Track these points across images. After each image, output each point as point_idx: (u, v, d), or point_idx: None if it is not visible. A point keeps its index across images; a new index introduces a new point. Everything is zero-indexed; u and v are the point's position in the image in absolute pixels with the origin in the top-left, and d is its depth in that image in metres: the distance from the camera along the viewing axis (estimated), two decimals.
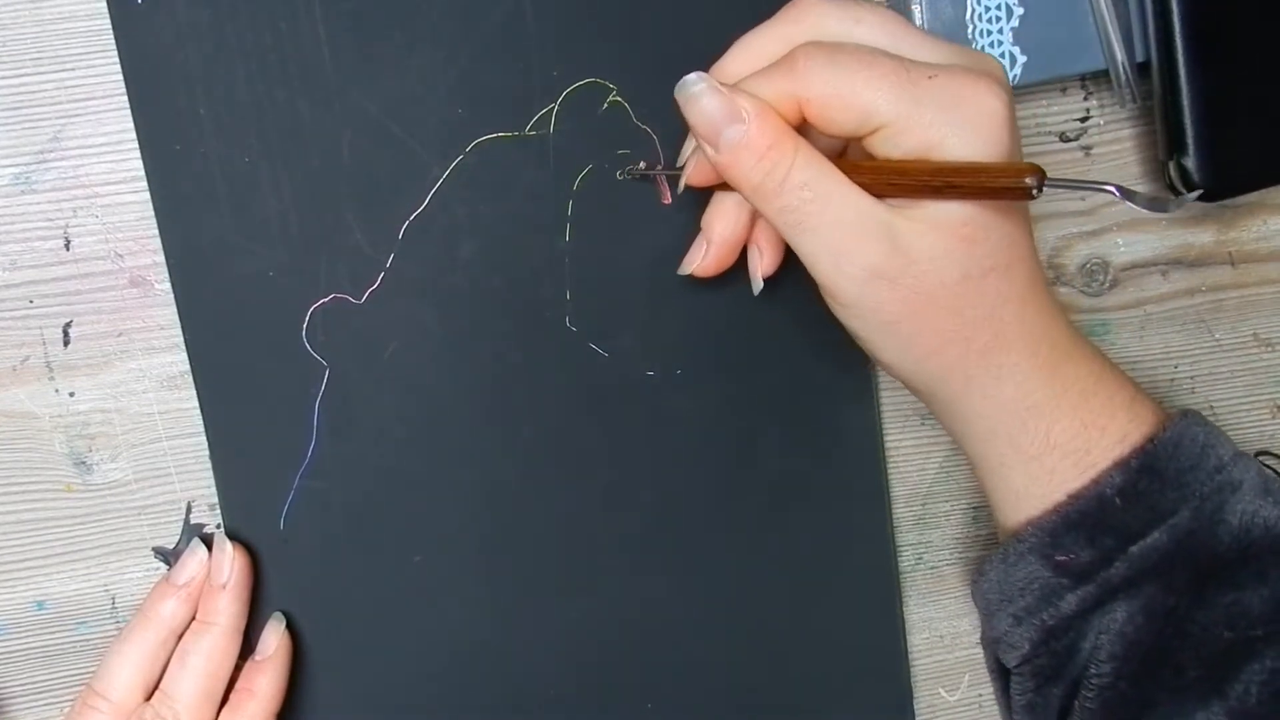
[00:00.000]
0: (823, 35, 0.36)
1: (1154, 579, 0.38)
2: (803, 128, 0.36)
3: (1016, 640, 0.40)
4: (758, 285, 0.40)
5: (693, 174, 0.39)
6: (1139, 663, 0.38)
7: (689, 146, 0.39)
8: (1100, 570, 0.38)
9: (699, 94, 0.35)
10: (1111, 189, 0.34)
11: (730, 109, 0.35)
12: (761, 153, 0.35)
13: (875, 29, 0.36)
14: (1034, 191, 0.33)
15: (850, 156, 0.37)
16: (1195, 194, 0.35)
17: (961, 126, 0.34)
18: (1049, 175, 0.33)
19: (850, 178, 0.35)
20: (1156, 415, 0.39)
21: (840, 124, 0.35)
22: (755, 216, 0.40)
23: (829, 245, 0.35)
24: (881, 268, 0.35)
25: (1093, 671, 0.39)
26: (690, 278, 0.41)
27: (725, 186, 0.39)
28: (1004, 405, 0.38)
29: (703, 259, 0.40)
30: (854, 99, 0.34)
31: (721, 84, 0.35)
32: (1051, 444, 0.38)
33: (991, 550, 0.41)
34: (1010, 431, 0.38)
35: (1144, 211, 0.34)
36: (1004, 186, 0.33)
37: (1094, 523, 0.38)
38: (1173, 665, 0.38)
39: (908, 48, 0.35)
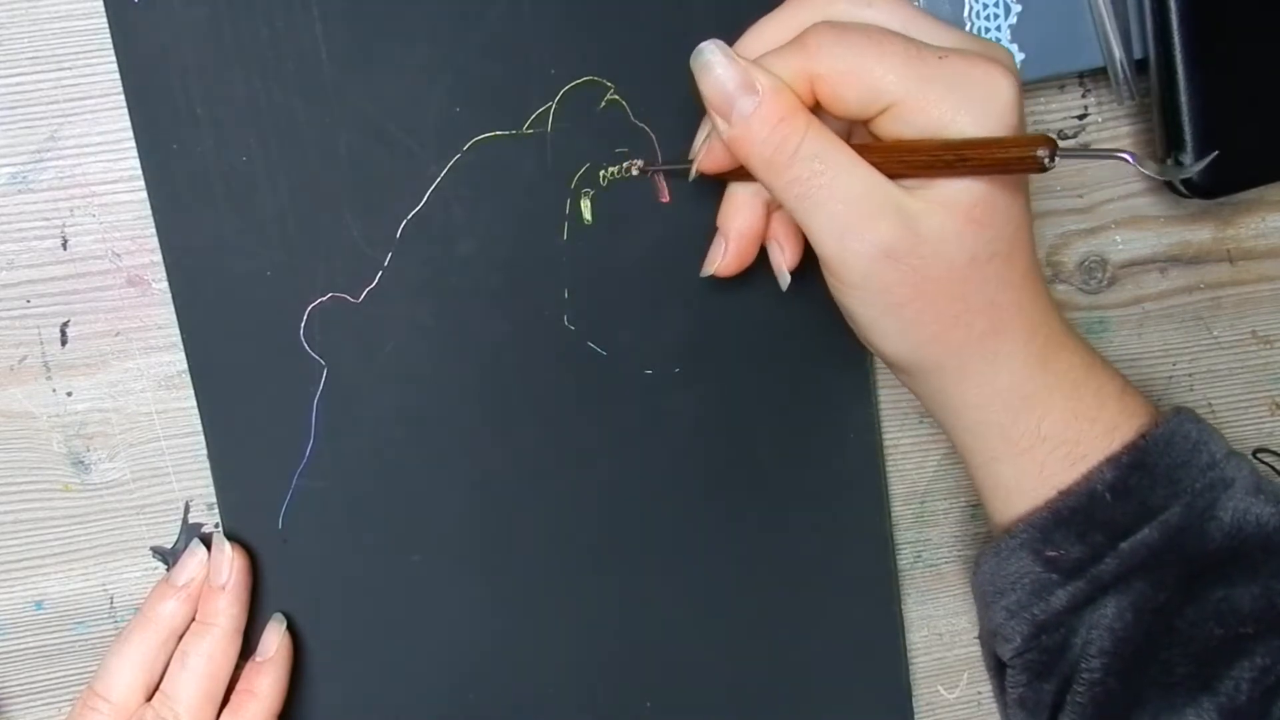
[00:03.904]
0: (834, 19, 0.36)
1: (1144, 575, 0.38)
2: (813, 112, 0.36)
3: (1009, 633, 0.40)
4: (784, 280, 0.40)
5: (705, 160, 0.38)
6: (1128, 659, 0.38)
7: (702, 134, 0.39)
8: (1090, 566, 0.38)
9: (713, 63, 0.35)
10: (1126, 155, 0.34)
11: (744, 78, 0.35)
12: (774, 124, 0.35)
13: (886, 12, 0.36)
14: (1046, 162, 0.33)
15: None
16: (1206, 159, 0.36)
17: (970, 106, 0.34)
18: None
19: (862, 157, 0.35)
20: (1147, 409, 0.39)
21: (850, 102, 0.35)
22: (771, 209, 0.39)
23: (838, 221, 0.35)
24: (890, 246, 0.35)
25: (1083, 667, 0.39)
26: (710, 278, 0.40)
27: (735, 178, 0.39)
28: (998, 394, 0.38)
29: (723, 257, 0.39)
30: (864, 75, 0.34)
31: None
32: (1042, 436, 0.38)
33: (988, 544, 0.41)
34: (1002, 422, 0.38)
35: (1157, 177, 0.34)
36: (1016, 158, 0.33)
37: (1084, 518, 0.38)
38: (1162, 662, 0.38)
39: (918, 32, 0.35)
